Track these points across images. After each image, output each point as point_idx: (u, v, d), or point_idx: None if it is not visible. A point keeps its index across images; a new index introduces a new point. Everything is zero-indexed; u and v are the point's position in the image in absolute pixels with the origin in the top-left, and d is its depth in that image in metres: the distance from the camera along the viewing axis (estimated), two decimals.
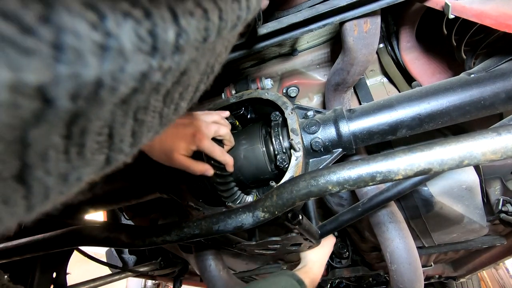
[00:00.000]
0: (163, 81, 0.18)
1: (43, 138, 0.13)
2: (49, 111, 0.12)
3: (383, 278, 1.75)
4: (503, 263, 3.58)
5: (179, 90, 0.21)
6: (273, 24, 0.72)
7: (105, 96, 0.14)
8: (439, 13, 0.68)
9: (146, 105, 0.19)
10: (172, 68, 0.17)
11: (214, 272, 1.01)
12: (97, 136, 0.16)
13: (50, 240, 0.85)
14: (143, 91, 0.17)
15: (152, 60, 0.15)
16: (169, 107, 0.22)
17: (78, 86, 0.13)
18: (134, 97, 0.17)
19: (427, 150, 0.47)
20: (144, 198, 1.01)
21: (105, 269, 1.49)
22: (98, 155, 0.17)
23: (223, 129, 0.72)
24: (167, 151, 0.65)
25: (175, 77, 0.19)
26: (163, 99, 0.20)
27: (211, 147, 0.69)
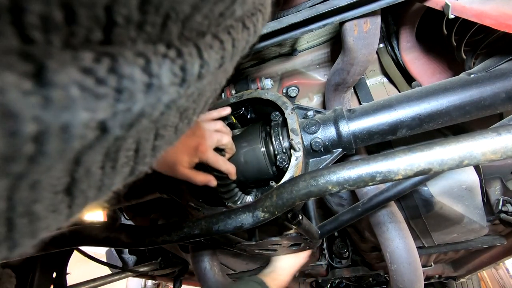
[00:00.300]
0: (186, 104, 0.20)
1: (89, 158, 0.16)
2: (104, 138, 0.15)
3: (383, 278, 1.75)
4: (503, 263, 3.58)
5: (193, 107, 0.24)
6: (273, 24, 0.72)
7: (144, 122, 0.17)
8: (439, 13, 0.68)
9: (166, 123, 0.21)
10: (194, 93, 0.20)
11: (209, 274, 1.01)
12: (127, 152, 0.19)
13: (50, 240, 0.85)
14: (169, 114, 0.19)
15: (181, 89, 0.18)
16: (183, 122, 0.24)
17: (129, 117, 0.15)
18: (160, 119, 0.19)
19: (427, 150, 0.47)
20: (144, 198, 1.01)
21: (105, 269, 1.49)
22: (125, 167, 0.20)
23: (225, 138, 0.71)
24: (170, 164, 0.65)
25: (194, 98, 0.21)
26: (180, 115, 0.22)
27: (214, 159, 0.68)
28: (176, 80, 0.17)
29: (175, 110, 0.20)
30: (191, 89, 0.19)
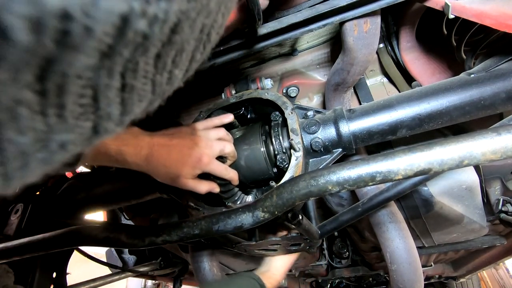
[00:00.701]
0: (149, 33, 0.16)
1: (8, 86, 0.12)
2: (8, 45, 0.11)
3: (383, 278, 1.75)
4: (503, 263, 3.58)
5: (171, 54, 0.20)
6: (273, 24, 0.72)
7: (79, 38, 0.13)
8: (439, 13, 0.68)
9: (135, 67, 0.17)
10: (159, 18, 0.16)
11: (208, 275, 1.01)
12: (79, 98, 0.15)
13: (50, 240, 0.85)
14: (126, 43, 0.15)
15: (133, 1, 0.14)
16: (162, 74, 0.20)
17: (39, 14, 0.11)
18: (117, 50, 0.15)
19: (427, 150, 0.47)
20: (144, 198, 1.01)
21: (105, 269, 1.49)
22: (83, 121, 0.16)
23: (228, 147, 0.70)
24: (172, 176, 0.64)
25: (165, 34, 0.17)
26: (154, 63, 0.18)
27: (218, 169, 0.68)
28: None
29: (141, 47, 0.16)
30: (153, 8, 0.15)
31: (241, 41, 0.76)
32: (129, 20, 0.14)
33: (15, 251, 0.88)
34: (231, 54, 0.80)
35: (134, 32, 0.15)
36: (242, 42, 0.76)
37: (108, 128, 0.18)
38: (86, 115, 0.16)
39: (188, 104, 1.16)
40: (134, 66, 0.17)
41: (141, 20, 0.15)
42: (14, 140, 0.13)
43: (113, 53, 0.15)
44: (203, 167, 0.66)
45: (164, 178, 0.65)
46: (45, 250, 0.86)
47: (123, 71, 0.17)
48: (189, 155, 0.65)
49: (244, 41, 0.76)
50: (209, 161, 0.66)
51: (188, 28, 0.19)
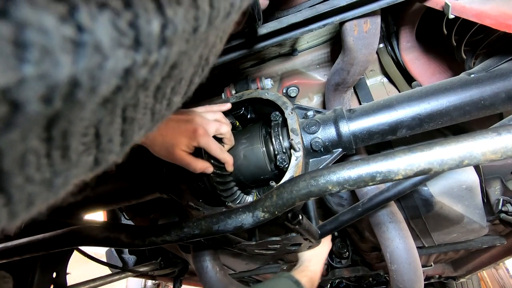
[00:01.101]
0: (150, 77, 0.17)
1: (17, 144, 0.13)
2: (19, 115, 0.12)
3: (383, 278, 1.75)
4: (503, 263, 3.58)
5: (170, 85, 0.20)
6: (273, 24, 0.72)
7: (84, 97, 0.13)
8: (439, 13, 0.68)
9: (135, 103, 0.18)
10: (160, 63, 0.16)
11: (211, 273, 1.01)
12: (82, 138, 0.16)
13: (50, 240, 0.85)
14: (128, 89, 0.16)
15: (136, 55, 0.14)
16: (161, 103, 0.21)
17: (50, 87, 0.12)
18: (119, 95, 0.16)
19: (427, 150, 0.47)
20: (144, 198, 1.01)
21: (105, 269, 1.49)
22: (85, 156, 0.17)
23: (224, 127, 0.72)
24: (168, 146, 0.66)
25: (165, 71, 0.18)
26: (153, 95, 0.19)
27: (211, 144, 0.69)
28: (125, 41, 0.14)
29: (142, 87, 0.17)
30: (154, 56, 0.16)
31: (241, 41, 0.76)
32: (131, 71, 0.15)
33: (15, 251, 0.88)
34: (231, 54, 0.80)
35: (136, 80, 0.16)
36: (242, 42, 0.76)
37: (109, 159, 0.19)
38: (89, 151, 0.17)
39: (188, 104, 1.16)
40: (135, 101, 0.18)
41: (143, 69, 0.15)
42: (22, 186, 0.14)
43: (116, 98, 0.16)
44: (198, 139, 0.67)
45: (160, 149, 0.66)
46: (45, 250, 0.86)
47: (125, 108, 0.17)
48: (185, 127, 0.67)
49: (244, 41, 0.76)
50: (204, 133, 0.68)
51: (187, 62, 0.20)
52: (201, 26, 0.18)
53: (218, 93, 0.97)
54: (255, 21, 0.66)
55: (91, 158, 0.17)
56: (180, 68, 0.20)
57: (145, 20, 0.14)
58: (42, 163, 0.14)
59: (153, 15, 0.15)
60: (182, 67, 0.20)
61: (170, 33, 0.16)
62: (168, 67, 0.18)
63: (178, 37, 0.17)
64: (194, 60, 0.21)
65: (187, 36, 0.17)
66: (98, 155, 0.17)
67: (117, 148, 0.19)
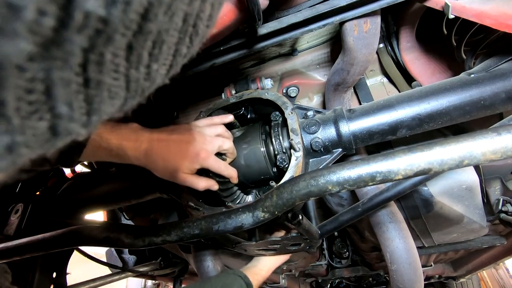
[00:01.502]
0: (107, 16, 0.13)
1: None
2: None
3: (383, 278, 1.75)
4: (503, 263, 3.58)
5: (147, 46, 0.17)
6: (273, 24, 0.72)
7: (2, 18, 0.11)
8: (439, 13, 0.68)
9: (99, 59, 0.15)
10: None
11: (212, 273, 1.01)
12: (25, 94, 0.13)
13: (50, 240, 0.85)
14: (77, 28, 0.13)
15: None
16: (138, 69, 0.18)
17: None
18: (65, 36, 0.13)
19: (427, 150, 0.47)
20: (144, 198, 1.01)
21: (105, 269, 1.49)
22: (35, 120, 0.14)
23: (226, 143, 0.71)
24: (170, 171, 0.65)
25: (133, 20, 0.15)
26: (125, 55, 0.16)
27: (216, 165, 0.68)
28: None
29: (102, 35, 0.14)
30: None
31: (241, 41, 0.76)
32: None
33: (15, 251, 0.88)
34: (231, 54, 0.80)
35: (83, 13, 0.13)
36: (242, 42, 0.76)
37: (71, 129, 0.16)
38: (39, 114, 0.14)
39: (187, 104, 1.16)
40: (98, 57, 0.15)
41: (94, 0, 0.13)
42: None
43: (61, 39, 0.13)
44: (201, 162, 0.66)
45: (162, 172, 0.66)
46: (45, 250, 0.86)
47: (84, 63, 0.14)
48: (187, 149, 0.65)
49: (244, 41, 0.76)
50: (207, 156, 0.66)
51: (164, 16, 0.17)
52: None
53: (218, 93, 0.97)
54: (255, 21, 0.66)
55: (44, 124, 0.14)
56: (156, 23, 0.16)
57: None
58: None
59: None
60: (158, 22, 0.17)
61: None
62: (136, 14, 0.15)
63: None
64: (175, 19, 0.18)
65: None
66: (54, 121, 0.15)
67: (81, 116, 0.16)
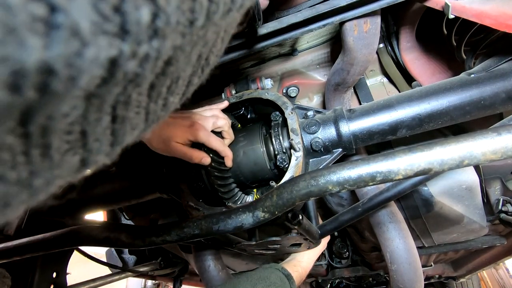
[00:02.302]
0: (141, 72, 0.15)
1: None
2: None
3: (383, 278, 1.75)
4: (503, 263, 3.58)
5: (166, 83, 0.19)
6: (273, 24, 0.72)
7: (63, 88, 0.12)
8: (439, 13, 0.68)
9: (127, 100, 0.16)
10: (151, 56, 0.15)
11: (213, 272, 1.01)
12: (65, 135, 0.14)
13: (50, 240, 0.85)
14: (116, 83, 0.15)
15: (123, 44, 0.13)
16: (156, 103, 0.19)
17: (16, 72, 0.11)
18: (106, 90, 0.14)
19: (427, 150, 0.47)
20: (144, 198, 1.01)
21: (105, 269, 1.49)
22: (70, 156, 0.15)
23: (221, 120, 0.73)
24: (165, 139, 0.66)
25: (158, 67, 0.17)
26: (147, 93, 0.18)
27: (208, 137, 0.69)
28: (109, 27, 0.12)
29: (132, 82, 0.16)
30: (144, 48, 0.14)
31: (241, 41, 0.76)
32: (118, 63, 0.14)
33: (15, 251, 0.88)
34: (231, 54, 0.80)
35: (124, 73, 0.14)
36: (242, 42, 0.76)
37: (98, 160, 0.17)
38: (74, 150, 0.15)
39: (187, 104, 1.16)
40: (126, 98, 0.16)
41: (131, 61, 0.14)
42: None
43: (102, 93, 0.14)
44: (195, 133, 0.68)
45: (157, 143, 0.67)
46: (45, 250, 0.86)
47: (114, 105, 0.16)
48: (182, 121, 0.68)
49: (244, 41, 0.76)
50: (201, 127, 0.68)
51: (184, 59, 0.19)
52: (198, 20, 0.17)
53: (218, 93, 0.97)
54: (255, 21, 0.66)
55: (77, 158, 0.16)
56: (176, 66, 0.18)
57: (133, 6, 0.13)
58: (18, 161, 0.13)
59: (142, 1, 0.13)
60: (179, 64, 0.19)
61: (162, 23, 0.15)
62: (162, 62, 0.17)
63: (171, 29, 0.15)
64: (192, 58, 0.20)
65: (183, 29, 0.16)
66: (85, 155, 0.16)
67: (107, 148, 0.17)
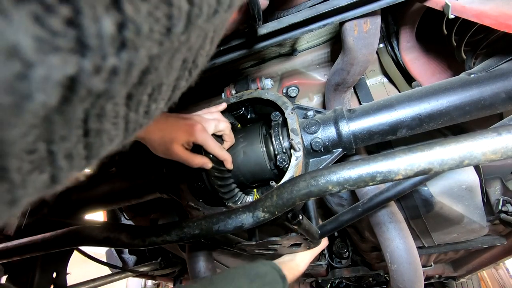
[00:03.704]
0: (110, 86, 0.14)
1: None
2: None
3: (383, 278, 1.75)
4: (503, 263, 3.58)
5: (146, 91, 0.18)
6: (273, 24, 0.72)
7: (9, 113, 0.11)
8: (439, 13, 0.68)
9: (100, 112, 0.15)
10: (121, 69, 0.14)
11: (203, 274, 1.01)
12: (27, 155, 0.13)
13: (50, 240, 0.85)
14: (82, 99, 0.13)
15: (83, 60, 0.12)
16: (137, 112, 0.18)
17: None
18: (69, 107, 0.13)
19: (427, 150, 0.47)
20: (144, 198, 1.01)
21: (105, 269, 1.49)
22: (36, 175, 0.14)
23: (222, 124, 0.73)
24: (166, 142, 0.66)
25: (133, 78, 0.15)
26: (125, 103, 0.17)
27: (209, 141, 0.69)
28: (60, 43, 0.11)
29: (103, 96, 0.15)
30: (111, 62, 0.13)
31: (241, 41, 0.76)
32: (78, 80, 0.13)
33: (15, 251, 0.88)
34: (231, 54, 0.80)
35: (87, 90, 0.13)
36: (242, 42, 0.76)
37: (70, 175, 0.16)
38: (40, 169, 0.14)
39: (187, 105, 1.16)
40: (98, 111, 0.15)
41: (95, 77, 0.13)
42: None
43: (65, 110, 0.13)
44: (196, 135, 0.68)
45: (158, 144, 0.66)
46: (45, 250, 0.86)
47: (85, 119, 0.15)
48: (184, 122, 0.68)
49: (244, 41, 0.76)
50: (202, 129, 0.68)
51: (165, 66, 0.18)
52: (177, 26, 0.16)
53: (218, 93, 0.97)
54: (255, 21, 0.66)
55: (45, 177, 0.15)
56: (156, 74, 0.17)
57: (91, 18, 0.12)
58: None
59: (102, 12, 0.12)
60: (159, 72, 0.17)
61: (131, 34, 0.13)
62: (138, 72, 0.15)
63: (144, 39, 0.14)
64: (175, 64, 0.19)
65: (159, 38, 0.15)
66: (55, 172, 0.15)
67: (81, 162, 0.16)
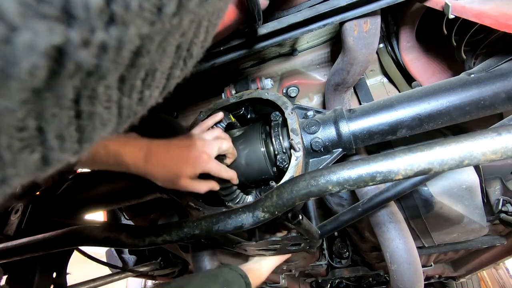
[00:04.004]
0: (100, 62, 0.14)
1: None
2: None
3: (383, 278, 1.75)
4: (503, 263, 3.58)
5: (140, 76, 0.18)
6: (273, 24, 0.72)
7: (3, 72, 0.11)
8: (439, 13, 0.68)
9: (92, 94, 0.15)
10: (110, 45, 0.14)
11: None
12: (17, 132, 0.13)
13: (50, 240, 0.85)
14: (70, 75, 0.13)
15: (70, 31, 0.12)
16: (130, 97, 0.18)
17: None
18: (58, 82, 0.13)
19: (427, 150, 0.47)
20: (144, 198, 1.01)
21: (105, 269, 1.49)
22: (26, 154, 0.14)
23: (225, 143, 0.71)
24: (172, 177, 0.64)
25: (126, 58, 0.15)
26: (117, 86, 0.16)
27: (217, 169, 0.68)
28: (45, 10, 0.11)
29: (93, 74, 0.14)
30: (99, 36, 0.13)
31: (241, 41, 0.76)
32: (66, 52, 0.12)
33: (15, 251, 0.88)
34: (231, 54, 0.80)
35: (76, 64, 0.13)
36: (242, 42, 0.76)
37: (62, 158, 0.16)
38: (31, 148, 0.14)
39: (187, 105, 1.16)
40: (90, 92, 0.15)
41: (83, 51, 0.13)
42: None
43: (54, 86, 0.13)
44: (203, 165, 0.66)
45: (163, 179, 0.65)
46: (45, 250, 0.86)
47: (76, 99, 0.15)
48: (188, 153, 0.65)
49: (244, 41, 0.76)
50: (208, 159, 0.67)
51: (158, 50, 0.17)
52: (168, 6, 0.15)
53: (218, 93, 0.97)
54: (255, 21, 0.66)
55: (36, 157, 0.15)
56: (149, 57, 0.17)
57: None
58: None
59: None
60: (152, 56, 0.17)
61: (120, 8, 0.13)
62: (129, 53, 0.15)
63: (133, 16, 0.14)
64: (168, 49, 0.19)
65: (150, 16, 0.15)
66: (46, 152, 0.15)
67: (73, 145, 0.16)
